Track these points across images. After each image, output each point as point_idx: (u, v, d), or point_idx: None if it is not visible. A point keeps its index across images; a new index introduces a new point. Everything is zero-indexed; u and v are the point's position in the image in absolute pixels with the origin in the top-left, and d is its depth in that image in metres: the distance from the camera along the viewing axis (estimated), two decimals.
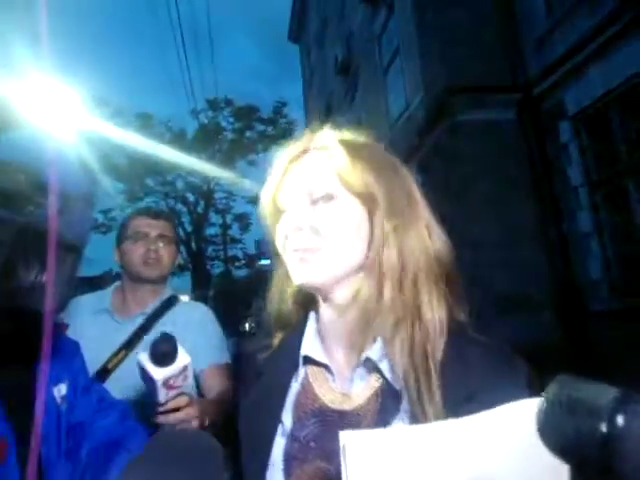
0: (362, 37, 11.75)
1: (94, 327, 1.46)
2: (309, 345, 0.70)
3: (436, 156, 7.69)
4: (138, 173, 9.25)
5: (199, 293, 10.56)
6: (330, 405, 0.66)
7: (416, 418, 0.57)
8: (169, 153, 9.29)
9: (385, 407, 0.62)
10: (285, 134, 9.98)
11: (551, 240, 6.76)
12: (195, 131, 9.37)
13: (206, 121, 9.43)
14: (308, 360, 0.70)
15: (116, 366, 1.38)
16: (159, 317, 1.53)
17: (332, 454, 0.58)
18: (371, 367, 0.66)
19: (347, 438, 0.47)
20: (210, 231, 11.54)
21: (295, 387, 0.70)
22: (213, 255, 11.98)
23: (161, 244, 1.58)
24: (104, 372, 1.36)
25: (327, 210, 0.68)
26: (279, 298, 0.77)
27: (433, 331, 0.65)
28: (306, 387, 0.69)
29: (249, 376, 0.74)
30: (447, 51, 7.42)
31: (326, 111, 16.00)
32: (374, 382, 0.65)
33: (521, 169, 7.02)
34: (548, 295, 6.58)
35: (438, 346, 0.64)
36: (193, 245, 9.94)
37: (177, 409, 0.93)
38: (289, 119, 9.86)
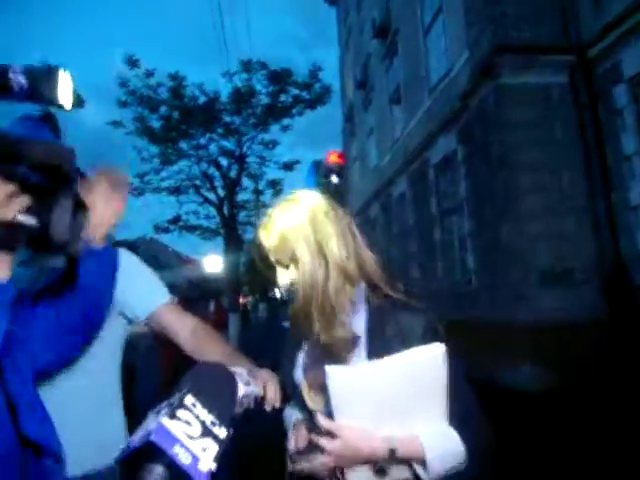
0: None
1: None
2: None
3: (479, 122, 7.33)
4: (171, 136, 9.22)
5: (231, 257, 10.66)
6: (323, 341, 1.08)
7: (369, 352, 1.06)
8: (202, 116, 9.19)
9: (352, 345, 1.08)
10: (320, 98, 9.67)
11: (598, 212, 6.40)
12: (228, 94, 9.20)
13: (239, 84, 9.22)
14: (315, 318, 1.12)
15: None
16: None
17: (323, 366, 0.98)
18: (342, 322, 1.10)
19: (329, 369, 0.93)
20: (243, 196, 11.53)
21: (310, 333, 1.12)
22: (245, 220, 11.96)
23: None
24: None
25: (286, 270, 1.18)
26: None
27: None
28: (315, 332, 1.10)
29: (282, 333, 1.29)
30: (494, 8, 6.96)
31: (362, 76, 15.53)
32: (346, 331, 1.08)
33: (570, 136, 6.61)
34: (593, 268, 6.27)
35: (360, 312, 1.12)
36: (225, 210, 9.88)
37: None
38: (324, 83, 9.53)
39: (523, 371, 6.09)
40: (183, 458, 0.59)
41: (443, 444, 0.98)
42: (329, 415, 1.00)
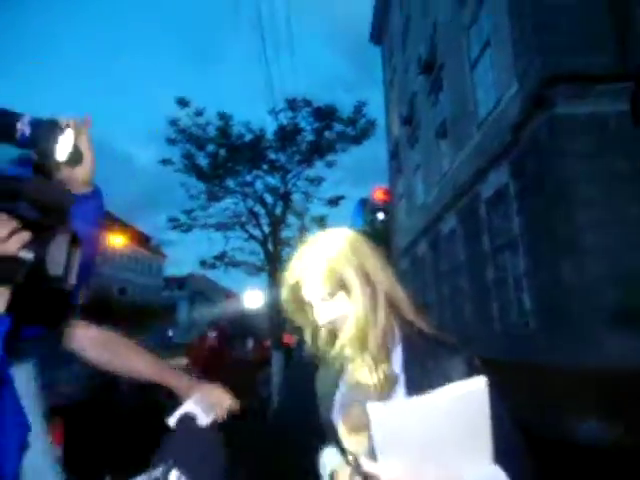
0: (448, 32, 11.19)
1: None
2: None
3: (532, 155, 7.00)
4: (218, 173, 9.39)
5: (274, 294, 10.56)
6: (360, 381, 1.12)
7: (408, 389, 1.04)
8: (248, 154, 9.31)
9: (390, 385, 1.07)
10: (365, 133, 9.63)
11: None
12: (274, 131, 9.32)
13: (285, 122, 9.33)
14: (348, 358, 1.15)
15: None
16: None
17: (361, 406, 1.00)
18: (382, 361, 1.12)
19: (371, 406, 0.87)
20: (287, 233, 11.53)
21: (345, 371, 1.17)
22: (289, 257, 11.91)
23: None
24: None
25: (334, 304, 1.12)
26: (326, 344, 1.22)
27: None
28: (350, 371, 1.15)
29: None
30: (543, 38, 6.75)
31: (408, 112, 15.50)
32: (384, 370, 1.09)
33: (632, 168, 6.17)
34: None
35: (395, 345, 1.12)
36: (270, 246, 9.86)
37: None
38: (369, 118, 9.51)
39: (588, 424, 5.52)
40: None
41: None
42: (371, 457, 0.95)
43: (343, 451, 1.11)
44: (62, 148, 0.86)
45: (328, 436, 1.15)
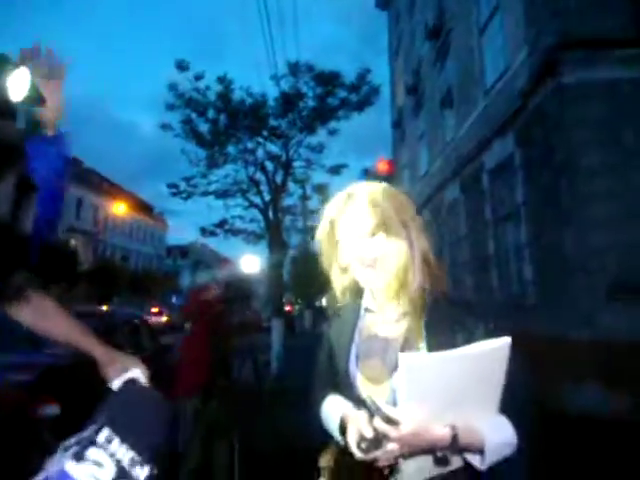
0: None
1: None
2: (368, 301, 1.24)
3: (539, 123, 6.84)
4: (219, 140, 9.21)
5: (275, 262, 10.54)
6: (379, 334, 1.18)
7: (430, 346, 1.08)
8: (249, 119, 9.13)
9: (409, 339, 1.11)
10: (368, 99, 9.40)
11: None
12: (275, 97, 9.09)
13: (287, 88, 9.09)
14: (367, 310, 1.24)
15: None
16: None
17: (380, 358, 1.13)
18: (403, 315, 1.16)
19: (403, 356, 0.93)
20: (288, 201, 11.40)
21: (361, 323, 1.23)
22: (290, 225, 11.83)
23: None
24: None
25: (375, 242, 1.14)
26: (344, 289, 1.27)
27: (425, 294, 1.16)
28: (366, 324, 1.22)
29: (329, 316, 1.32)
30: (557, 1, 6.49)
31: (413, 80, 15.16)
32: (402, 324, 1.15)
33: None
34: None
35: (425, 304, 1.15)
36: (271, 214, 9.76)
37: None
38: (373, 85, 9.26)
39: (586, 393, 5.55)
40: None
41: (500, 435, 1.02)
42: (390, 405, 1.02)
43: (357, 399, 1.12)
44: (15, 87, 0.79)
45: (343, 386, 1.17)
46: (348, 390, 1.16)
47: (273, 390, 7.47)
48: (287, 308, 24.63)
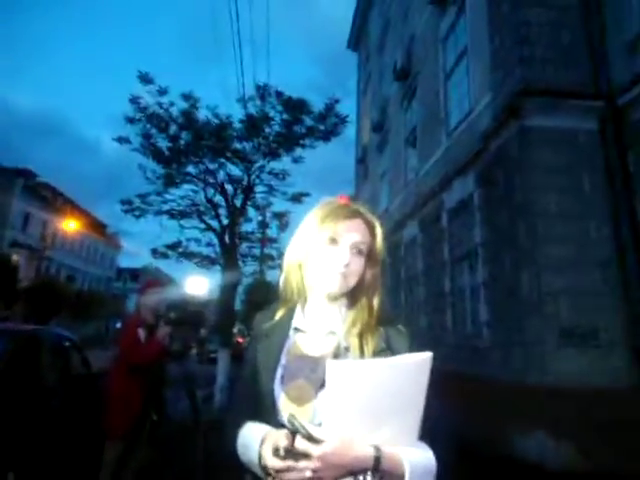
0: (425, 40, 11.16)
1: None
2: (298, 321, 1.25)
3: (500, 165, 6.94)
4: (179, 158, 8.91)
5: (227, 289, 10.13)
6: (307, 353, 1.17)
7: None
8: (213, 140, 8.90)
9: (338, 356, 1.13)
10: (334, 130, 9.37)
11: (628, 267, 5.87)
12: (241, 119, 8.90)
13: (254, 112, 8.95)
14: (296, 330, 1.24)
15: None
16: None
17: (306, 377, 1.11)
18: (331, 334, 1.19)
19: (331, 363, 0.94)
20: (247, 227, 11.10)
21: (288, 343, 1.21)
22: (246, 252, 11.50)
23: None
24: None
25: (358, 260, 1.20)
26: (292, 287, 1.27)
27: (374, 318, 1.21)
28: (294, 343, 1.21)
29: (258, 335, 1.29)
30: (522, 50, 6.70)
31: (379, 118, 15.43)
32: (333, 342, 1.18)
33: (598, 185, 6.18)
34: (621, 330, 5.68)
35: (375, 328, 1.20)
36: (227, 239, 9.43)
37: None
38: (341, 115, 9.23)
39: (535, 439, 5.42)
40: None
41: (422, 461, 1.01)
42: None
43: (280, 424, 1.08)
44: None
45: (264, 409, 1.14)
46: (269, 413, 1.13)
47: (213, 425, 6.99)
48: (238, 339, 23.85)
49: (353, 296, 1.23)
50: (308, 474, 0.94)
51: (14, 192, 33.84)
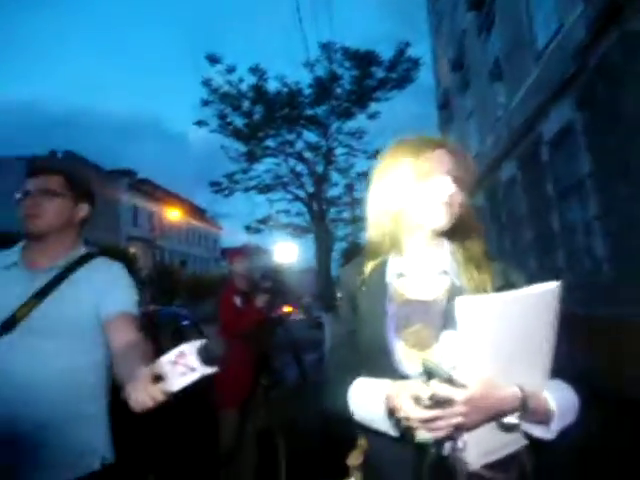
0: None
1: (3, 279, 1.49)
2: (397, 266, 1.15)
3: (602, 81, 6.10)
4: (256, 134, 8.97)
5: (322, 254, 10.20)
6: (415, 298, 1.09)
7: None
8: (285, 110, 8.82)
9: (454, 296, 0.94)
10: (408, 76, 8.80)
11: None
12: (310, 84, 8.70)
13: (322, 74, 8.69)
14: (399, 274, 1.14)
15: (25, 315, 1.40)
16: (73, 271, 1.54)
17: (423, 321, 1.05)
18: (443, 274, 1.11)
19: (461, 300, 0.86)
20: (333, 192, 10.97)
21: (390, 289, 1.12)
22: (336, 217, 11.42)
23: (40, 197, 1.54)
24: (12, 321, 1.40)
25: (459, 191, 1.11)
26: (384, 235, 1.17)
27: (485, 252, 1.15)
28: (398, 289, 1.12)
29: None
30: None
31: (457, 55, 14.35)
32: (443, 283, 1.10)
33: None
34: None
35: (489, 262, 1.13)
36: (315, 206, 9.42)
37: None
38: (413, 58, 8.63)
39: None
40: None
41: (564, 397, 0.97)
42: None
43: (400, 375, 1.02)
44: None
45: (381, 360, 1.06)
46: (385, 365, 1.04)
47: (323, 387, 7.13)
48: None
49: (458, 231, 1.14)
50: (456, 420, 0.87)
51: (121, 191, 36.68)
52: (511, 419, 0.91)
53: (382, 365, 1.05)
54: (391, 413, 0.95)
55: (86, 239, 1.69)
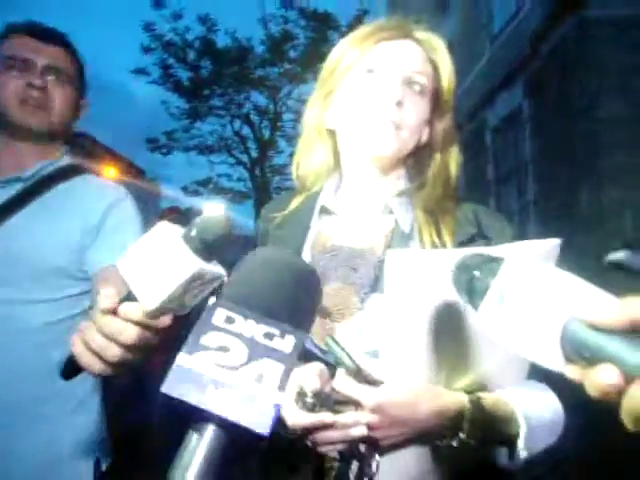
0: None
1: None
2: (327, 198, 0.85)
3: (553, 67, 6.17)
4: (202, 91, 8.45)
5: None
6: (341, 244, 0.79)
7: None
8: (234, 68, 8.36)
9: (394, 246, 0.76)
10: None
11: None
12: (263, 40, 8.26)
13: (276, 32, 8.27)
14: (324, 210, 0.84)
15: None
16: (47, 187, 1.08)
17: (345, 279, 0.75)
18: (386, 212, 0.82)
19: (392, 255, 0.58)
20: (278, 160, 10.63)
21: (312, 232, 0.83)
22: (280, 185, 11.18)
23: (51, 79, 1.08)
24: None
25: (418, 101, 0.79)
26: (316, 160, 0.88)
27: (454, 193, 0.86)
28: (321, 231, 0.83)
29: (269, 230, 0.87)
30: None
31: None
32: (385, 226, 0.80)
33: None
34: None
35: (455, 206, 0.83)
36: (258, 173, 9.11)
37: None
38: None
39: None
40: (222, 403, 0.35)
41: (542, 413, 0.65)
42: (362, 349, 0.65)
43: (317, 352, 0.69)
44: None
45: None
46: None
47: None
48: None
49: (417, 163, 0.86)
50: (357, 433, 0.57)
51: None
52: (450, 441, 0.61)
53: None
54: None
55: None
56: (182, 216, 3.81)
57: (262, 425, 0.35)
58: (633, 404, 0.33)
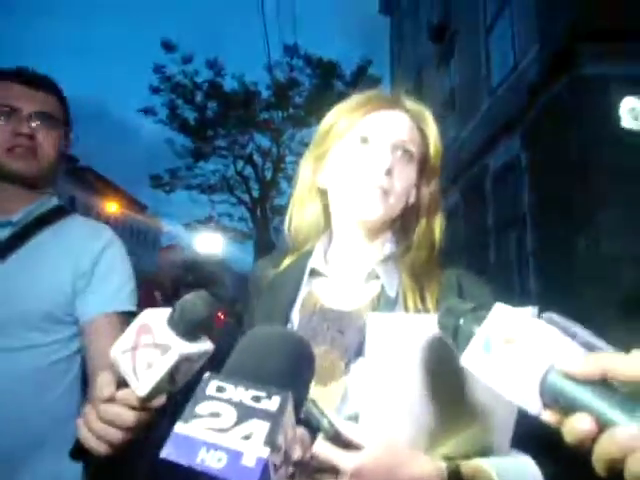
0: None
1: None
2: (317, 261, 0.86)
3: (549, 121, 6.30)
4: (207, 131, 8.64)
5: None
6: (332, 306, 0.81)
7: None
8: (240, 111, 8.57)
9: (380, 310, 0.78)
10: None
11: None
12: (268, 85, 8.52)
13: (282, 79, 8.53)
14: (314, 272, 0.86)
15: None
16: (37, 230, 1.08)
17: (333, 342, 0.76)
18: (372, 277, 0.83)
19: (374, 319, 0.61)
20: (280, 201, 10.77)
21: (302, 294, 0.85)
22: (281, 226, 11.25)
23: (38, 124, 1.09)
24: None
25: (406, 168, 0.84)
26: (307, 221, 0.92)
27: (437, 258, 0.88)
28: (311, 293, 0.84)
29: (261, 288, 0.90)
30: None
31: (415, 82, 14.69)
32: (372, 291, 0.82)
33: None
34: None
35: (438, 271, 0.85)
36: (259, 213, 9.18)
37: None
38: (374, 77, 8.66)
39: None
40: (213, 462, 0.40)
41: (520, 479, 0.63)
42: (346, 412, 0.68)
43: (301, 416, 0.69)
44: None
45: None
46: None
47: None
48: None
49: (403, 227, 0.90)
50: None
51: (59, 178, 34.76)
52: None
53: None
54: None
55: None
56: (180, 252, 3.79)
57: (244, 476, 0.39)
58: (604, 450, 0.36)
